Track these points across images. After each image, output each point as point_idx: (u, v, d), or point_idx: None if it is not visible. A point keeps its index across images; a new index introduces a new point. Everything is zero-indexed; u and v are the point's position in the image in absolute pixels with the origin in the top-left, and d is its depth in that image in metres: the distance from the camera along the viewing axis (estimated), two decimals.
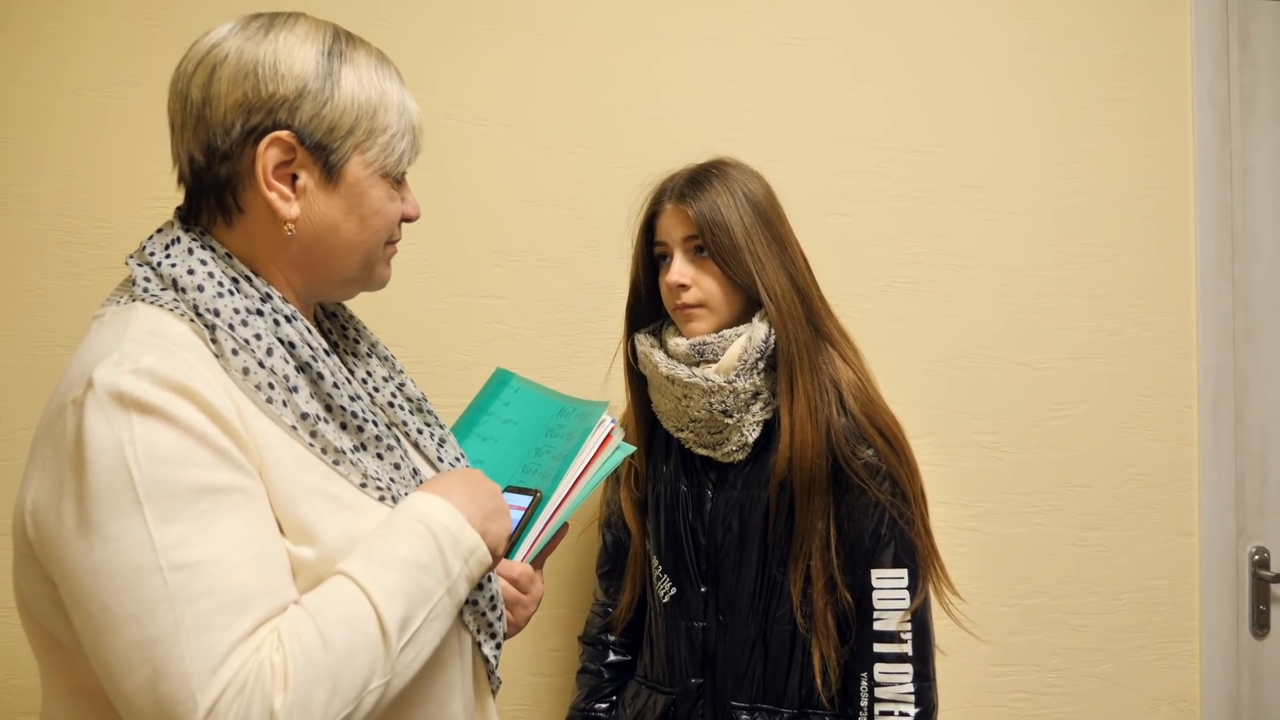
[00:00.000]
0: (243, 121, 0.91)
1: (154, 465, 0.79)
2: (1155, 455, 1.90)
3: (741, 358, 1.34)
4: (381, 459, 0.97)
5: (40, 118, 1.71)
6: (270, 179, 0.92)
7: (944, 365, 1.87)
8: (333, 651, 0.81)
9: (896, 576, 1.33)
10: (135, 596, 0.77)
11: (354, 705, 0.82)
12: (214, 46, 0.93)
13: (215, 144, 0.92)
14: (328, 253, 0.97)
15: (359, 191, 0.96)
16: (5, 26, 1.71)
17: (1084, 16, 1.91)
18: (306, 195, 0.94)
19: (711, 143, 1.82)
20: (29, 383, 1.70)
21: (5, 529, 1.68)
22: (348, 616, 0.83)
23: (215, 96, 0.91)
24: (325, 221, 0.95)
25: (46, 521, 0.81)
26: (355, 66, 0.95)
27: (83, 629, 0.80)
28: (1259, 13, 1.94)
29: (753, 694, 1.38)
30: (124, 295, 0.94)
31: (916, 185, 1.88)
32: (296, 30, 0.95)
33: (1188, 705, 1.90)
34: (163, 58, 1.70)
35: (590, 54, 1.82)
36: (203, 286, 0.90)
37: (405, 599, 0.86)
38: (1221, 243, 1.91)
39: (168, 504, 0.79)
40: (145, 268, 0.93)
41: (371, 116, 0.95)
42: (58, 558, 0.81)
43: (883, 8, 1.88)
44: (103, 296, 1.69)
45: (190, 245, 0.93)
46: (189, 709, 0.76)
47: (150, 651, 0.77)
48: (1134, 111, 1.92)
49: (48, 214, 1.70)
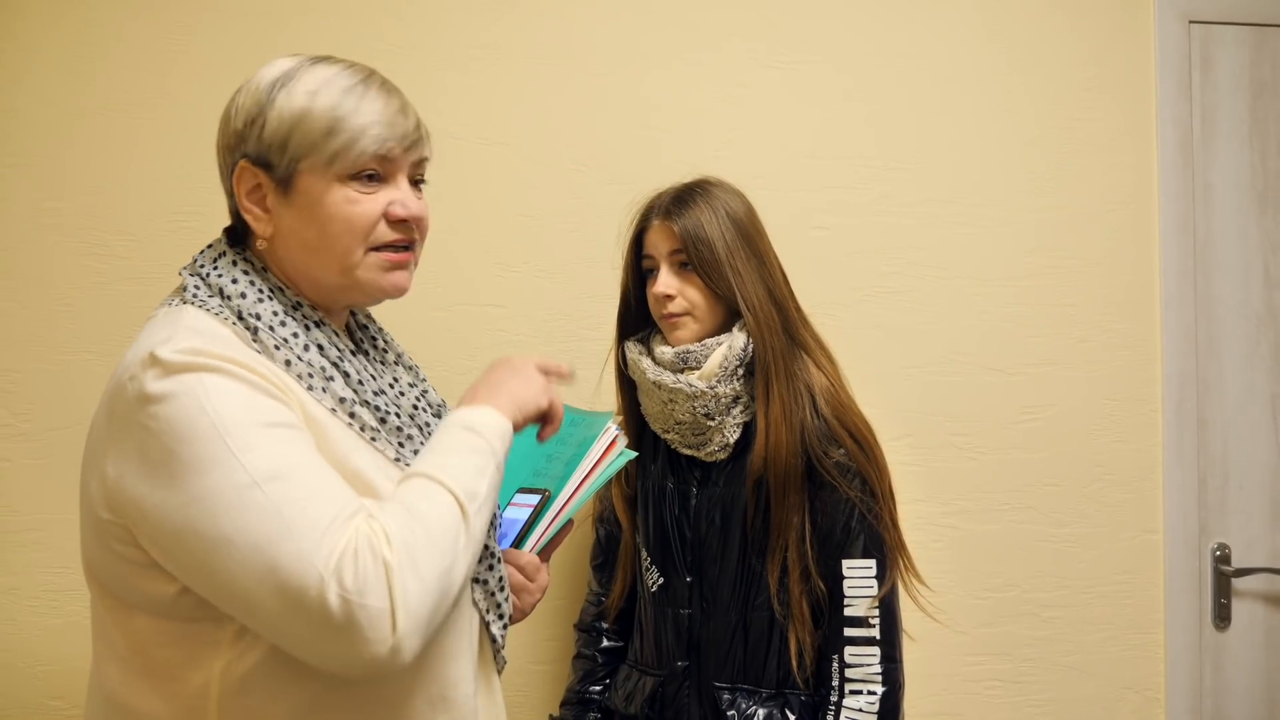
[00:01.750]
0: (224, 160, 1.05)
1: (224, 407, 0.89)
2: (1122, 456, 2.00)
3: (722, 365, 1.44)
4: (404, 445, 1.07)
5: (67, 137, 1.82)
6: (245, 203, 1.03)
7: (921, 371, 1.97)
8: (420, 516, 0.92)
9: (865, 566, 1.43)
10: (241, 512, 0.86)
11: (450, 558, 0.92)
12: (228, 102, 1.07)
13: (223, 183, 1.07)
14: (305, 260, 1.05)
15: (313, 198, 1.02)
16: (37, 52, 1.81)
17: (1055, 41, 2.02)
18: (274, 212, 1.03)
19: (699, 160, 1.92)
20: (58, 386, 1.80)
21: (41, 521, 1.79)
22: (425, 494, 0.94)
23: (216, 146, 1.07)
24: (291, 231, 1.04)
25: (134, 484, 0.90)
26: (297, 85, 1.02)
27: (193, 563, 0.88)
28: (1220, 38, 2.04)
29: (734, 675, 1.48)
30: (175, 299, 1.04)
31: (895, 200, 1.98)
32: (265, 71, 1.05)
33: (1153, 694, 2.00)
34: (180, 80, 1.83)
35: (583, 76, 1.92)
36: (245, 294, 1.01)
37: (467, 477, 0.97)
38: (1184, 255, 2.01)
39: (245, 435, 0.89)
40: (195, 278, 1.04)
41: (302, 125, 1.01)
42: (153, 510, 0.89)
43: (864, 33, 1.99)
44: (128, 305, 1.82)
45: (234, 259, 1.05)
46: (313, 580, 0.84)
47: (265, 552, 0.85)
48: (1101, 131, 2.02)
49: (75, 227, 1.81)
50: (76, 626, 1.79)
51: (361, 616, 0.85)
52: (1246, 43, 2.05)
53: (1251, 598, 2.02)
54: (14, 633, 1.79)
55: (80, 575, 1.83)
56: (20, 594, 1.80)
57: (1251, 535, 2.03)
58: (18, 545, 1.80)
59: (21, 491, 1.80)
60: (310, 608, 0.85)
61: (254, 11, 1.85)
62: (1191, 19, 2.03)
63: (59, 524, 1.79)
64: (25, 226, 1.80)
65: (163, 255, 1.81)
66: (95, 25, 1.83)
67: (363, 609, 0.85)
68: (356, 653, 0.86)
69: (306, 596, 0.85)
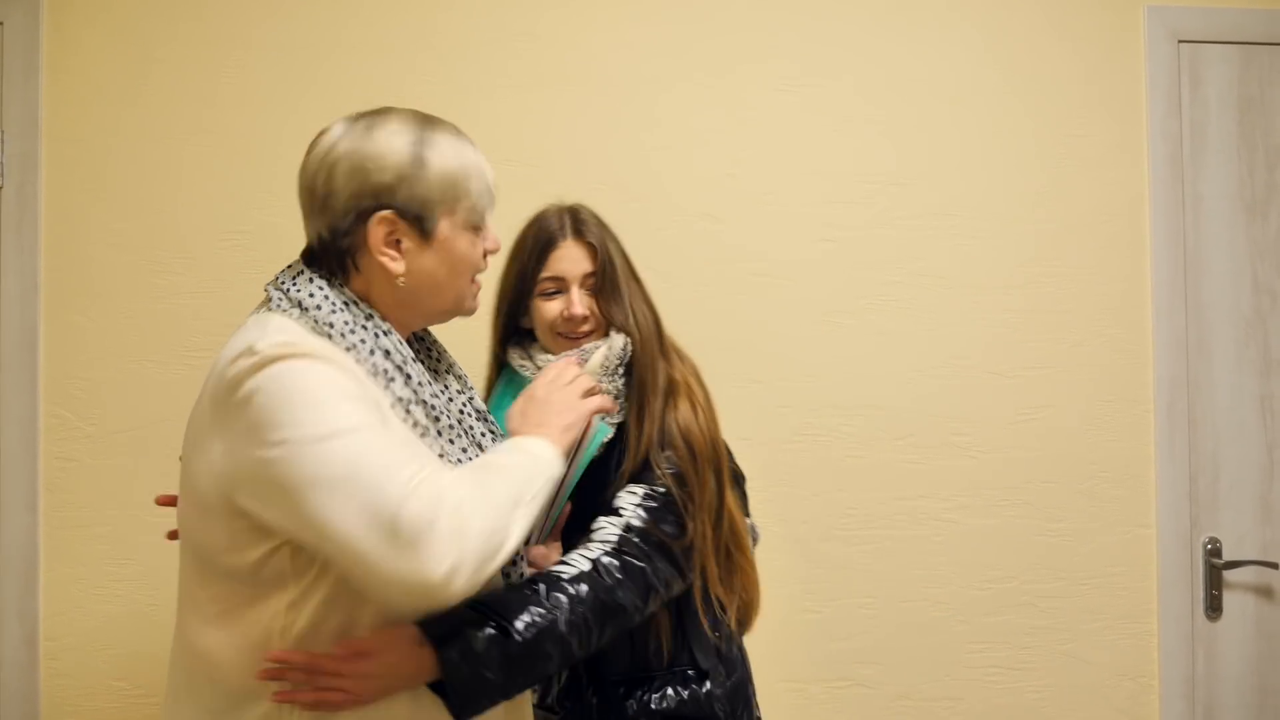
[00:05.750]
0: (356, 207, 1.17)
1: (312, 383, 1.07)
2: (1115, 455, 2.10)
3: (604, 364, 1.47)
4: (452, 444, 1.21)
5: (133, 164, 1.97)
6: (381, 247, 1.17)
7: (923, 374, 2.08)
8: (486, 483, 1.09)
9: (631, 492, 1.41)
10: (330, 455, 1.02)
11: (504, 523, 1.08)
12: (330, 148, 1.18)
13: (337, 225, 1.18)
14: (428, 294, 1.22)
15: (449, 246, 1.21)
16: (101, 87, 1.97)
17: (1050, 61, 2.12)
18: (409, 254, 1.19)
19: (713, 178, 2.06)
20: (121, 392, 1.96)
21: (105, 517, 1.94)
22: (493, 469, 1.13)
23: (335, 191, 1.17)
24: (424, 271, 1.20)
25: (239, 455, 1.06)
26: (437, 147, 1.19)
27: (287, 504, 1.04)
28: (1208, 56, 2.15)
29: (625, 666, 1.45)
30: (260, 309, 1.21)
31: (898, 213, 2.09)
32: (389, 125, 1.18)
33: (1147, 681, 2.09)
34: (234, 111, 1.98)
35: (602, 101, 2.05)
36: (320, 306, 1.16)
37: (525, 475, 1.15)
38: (1174, 263, 2.12)
39: (332, 401, 1.06)
40: (279, 292, 1.19)
41: (454, 186, 1.19)
42: (252, 467, 1.05)
43: (868, 57, 2.10)
44: (186, 319, 1.97)
45: (311, 276, 1.19)
46: (392, 502, 1.00)
47: (351, 484, 1.01)
48: (1095, 146, 2.12)
49: (139, 246, 1.96)
50: (138, 614, 1.94)
51: (427, 537, 1.00)
52: (1234, 61, 2.15)
53: (1242, 589, 2.12)
54: (81, 619, 1.94)
55: (140, 565, 2.01)
56: (86, 583, 1.95)
57: (1242, 530, 2.12)
58: (84, 539, 1.95)
59: (87, 489, 1.95)
60: (384, 525, 1.00)
61: (295, 47, 2.00)
62: (1181, 39, 2.13)
63: (121, 519, 1.94)
64: (95, 247, 1.96)
65: (217, 271, 1.96)
66: (155, 62, 1.98)
67: (430, 530, 1.00)
68: (414, 571, 1.00)
69: (382, 516, 1.00)
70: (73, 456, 1.95)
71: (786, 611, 2.02)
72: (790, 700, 2.03)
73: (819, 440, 2.06)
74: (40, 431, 1.94)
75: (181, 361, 1.96)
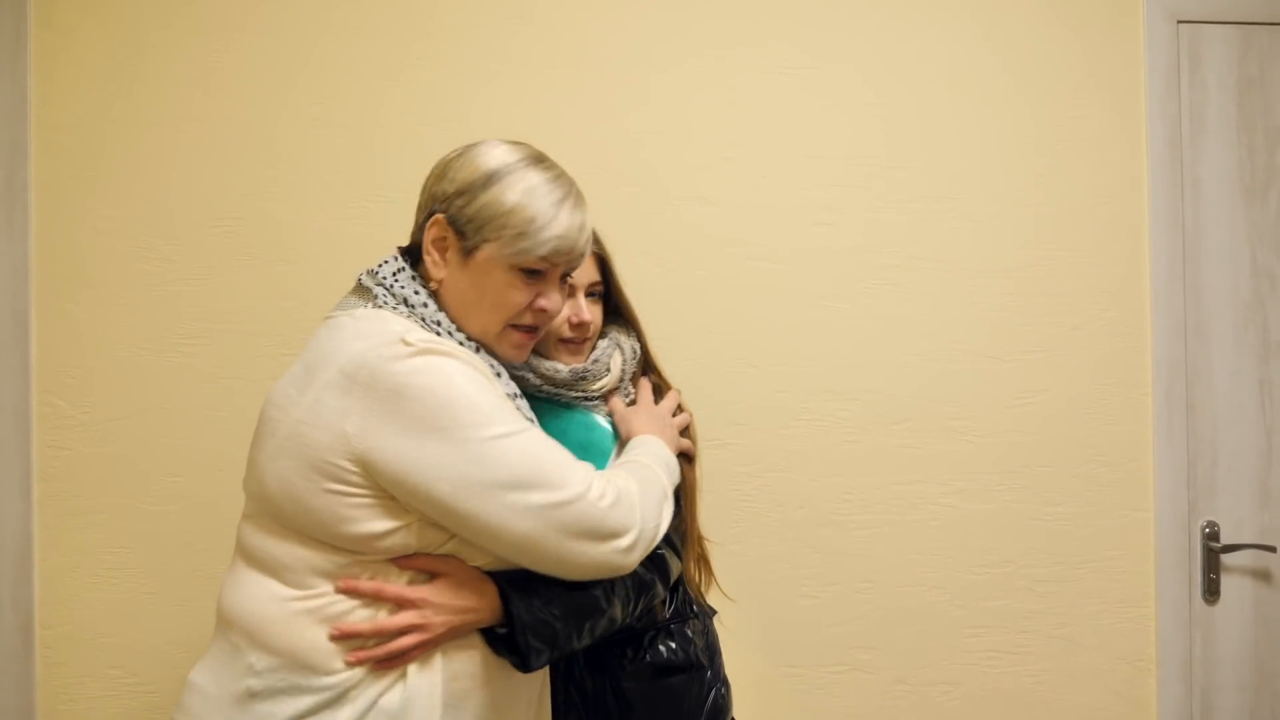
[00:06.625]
0: (427, 206, 1.29)
1: (467, 384, 1.15)
2: (1113, 439, 2.10)
3: (622, 373, 1.54)
4: None
5: (124, 151, 1.96)
6: (429, 246, 1.26)
7: (919, 358, 2.08)
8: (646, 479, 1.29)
9: None
10: (504, 454, 1.14)
11: (657, 512, 1.28)
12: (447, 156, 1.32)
13: (418, 220, 1.31)
14: (457, 310, 1.27)
15: (485, 271, 1.25)
16: (91, 73, 1.95)
17: (1047, 42, 2.11)
18: (451, 264, 1.26)
19: (709, 161, 2.05)
20: (117, 379, 1.95)
21: (100, 505, 1.94)
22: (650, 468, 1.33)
23: (423, 190, 1.31)
24: (458, 286, 1.26)
25: (389, 441, 1.12)
26: (512, 182, 1.24)
27: (464, 508, 1.13)
28: (1207, 37, 2.13)
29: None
30: (365, 302, 1.25)
31: (895, 197, 2.08)
32: (490, 152, 1.27)
33: (1145, 664, 2.09)
34: (226, 97, 1.97)
35: (596, 84, 2.04)
36: (427, 304, 1.24)
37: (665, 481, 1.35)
38: (1173, 246, 2.10)
39: (488, 404, 1.15)
40: (380, 288, 1.25)
41: (509, 216, 1.23)
42: (417, 466, 1.12)
43: (864, 39, 2.09)
44: (179, 306, 1.96)
45: (412, 275, 1.27)
46: (576, 491, 1.16)
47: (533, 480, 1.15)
48: (1092, 128, 2.11)
49: (131, 234, 1.95)
50: (133, 601, 1.94)
51: (621, 529, 1.20)
52: (1233, 41, 2.13)
53: (1240, 573, 2.11)
54: (77, 608, 1.94)
55: (135, 553, 2.01)
56: (81, 572, 1.94)
57: (1240, 513, 2.12)
58: (79, 527, 1.94)
59: (82, 477, 1.94)
60: (579, 523, 1.16)
61: (287, 33, 1.99)
62: (1179, 19, 2.11)
63: (116, 507, 1.94)
64: (86, 234, 1.95)
65: (209, 258, 1.95)
66: (146, 48, 1.96)
67: (623, 523, 1.20)
68: (608, 558, 1.19)
69: (575, 514, 1.15)
70: (67, 445, 1.95)
71: (783, 596, 2.02)
72: (787, 685, 2.02)
73: (815, 425, 2.05)
74: (34, 420, 1.94)
75: (175, 348, 1.95)
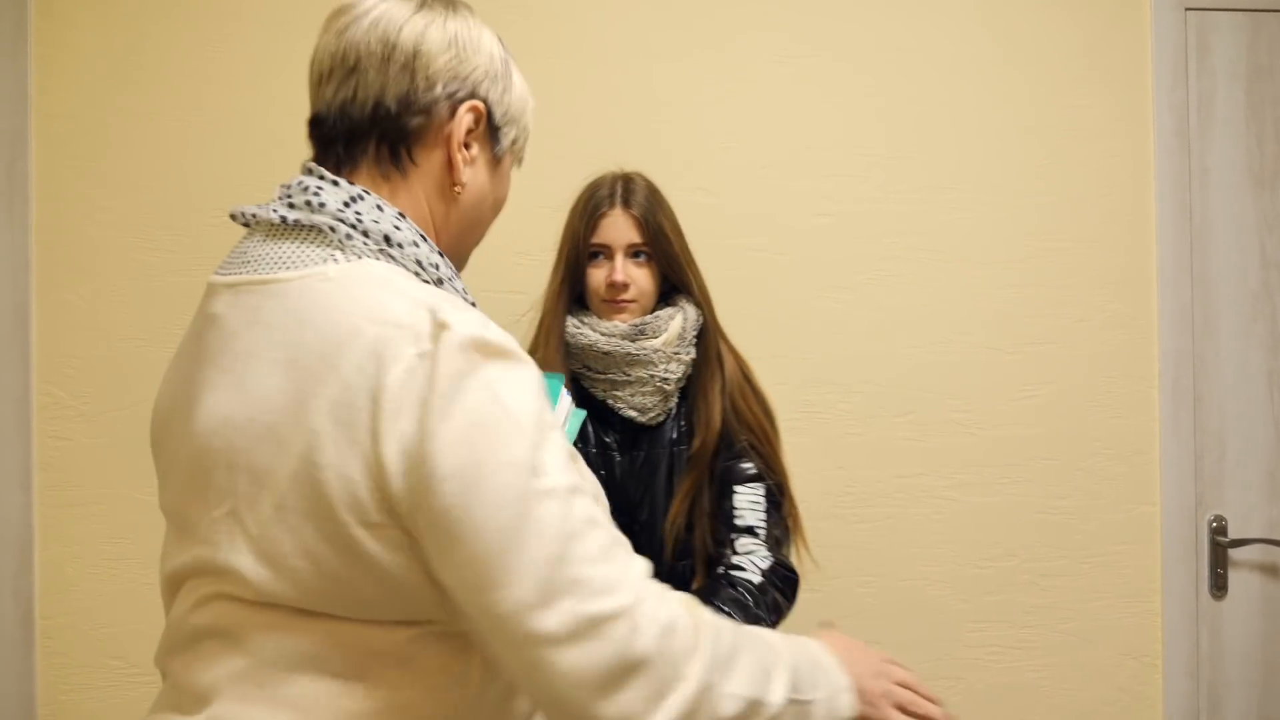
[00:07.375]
0: (445, 84, 0.91)
1: (532, 400, 0.80)
2: (1119, 432, 2.08)
3: (681, 334, 1.57)
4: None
5: (125, 141, 1.96)
6: (463, 142, 0.93)
7: (923, 350, 2.06)
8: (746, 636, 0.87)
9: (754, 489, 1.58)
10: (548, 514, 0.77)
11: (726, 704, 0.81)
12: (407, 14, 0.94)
13: (414, 97, 0.91)
14: (473, 221, 0.98)
15: (504, 174, 1.01)
16: (88, 62, 1.96)
17: (1052, 30, 2.08)
18: (475, 165, 0.95)
19: (709, 151, 2.03)
20: (117, 370, 1.95)
21: (99, 495, 1.94)
22: (753, 636, 0.89)
23: (426, 52, 0.91)
24: (480, 192, 0.97)
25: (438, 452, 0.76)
26: (515, 68, 1.01)
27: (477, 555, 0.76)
28: (1215, 25, 2.10)
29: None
30: (329, 251, 0.86)
31: (897, 187, 2.06)
32: (474, 20, 0.98)
33: (1150, 660, 2.07)
34: (226, 87, 1.96)
35: (598, 73, 2.03)
36: (416, 243, 0.89)
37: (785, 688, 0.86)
38: (1180, 237, 2.08)
39: (549, 434, 0.81)
40: (343, 224, 0.87)
41: (524, 113, 1.01)
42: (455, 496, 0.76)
43: (867, 28, 2.07)
44: (174, 295, 1.95)
45: (376, 202, 0.89)
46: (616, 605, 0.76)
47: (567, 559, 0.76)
48: (1099, 117, 2.09)
49: (131, 224, 1.96)
50: (133, 592, 1.94)
51: (647, 671, 0.75)
52: (1242, 28, 2.10)
53: (1248, 568, 2.09)
54: (77, 598, 1.94)
55: (135, 543, 2.01)
56: (82, 562, 1.95)
57: (1248, 507, 2.09)
58: (79, 518, 1.95)
59: (81, 468, 1.95)
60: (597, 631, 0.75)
61: (286, 22, 1.98)
62: (1188, 6, 2.09)
63: (116, 498, 1.94)
64: (86, 225, 1.95)
65: (205, 248, 1.95)
66: (146, 37, 1.96)
67: (659, 658, 0.76)
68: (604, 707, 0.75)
69: (602, 620, 0.75)
70: (67, 435, 1.95)
71: None
72: None
73: (817, 417, 2.04)
74: (34, 410, 1.94)
75: (175, 339, 1.89)
